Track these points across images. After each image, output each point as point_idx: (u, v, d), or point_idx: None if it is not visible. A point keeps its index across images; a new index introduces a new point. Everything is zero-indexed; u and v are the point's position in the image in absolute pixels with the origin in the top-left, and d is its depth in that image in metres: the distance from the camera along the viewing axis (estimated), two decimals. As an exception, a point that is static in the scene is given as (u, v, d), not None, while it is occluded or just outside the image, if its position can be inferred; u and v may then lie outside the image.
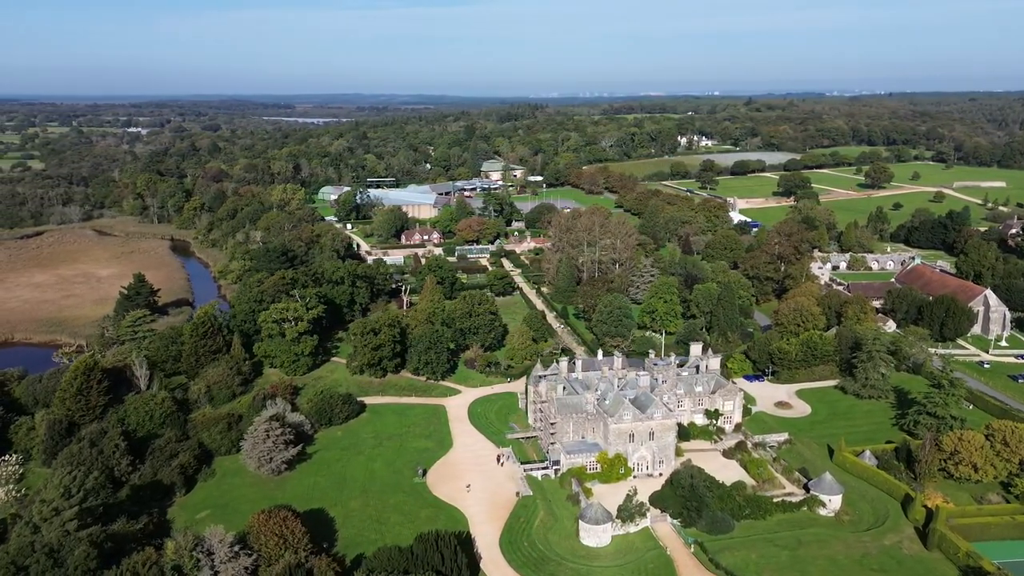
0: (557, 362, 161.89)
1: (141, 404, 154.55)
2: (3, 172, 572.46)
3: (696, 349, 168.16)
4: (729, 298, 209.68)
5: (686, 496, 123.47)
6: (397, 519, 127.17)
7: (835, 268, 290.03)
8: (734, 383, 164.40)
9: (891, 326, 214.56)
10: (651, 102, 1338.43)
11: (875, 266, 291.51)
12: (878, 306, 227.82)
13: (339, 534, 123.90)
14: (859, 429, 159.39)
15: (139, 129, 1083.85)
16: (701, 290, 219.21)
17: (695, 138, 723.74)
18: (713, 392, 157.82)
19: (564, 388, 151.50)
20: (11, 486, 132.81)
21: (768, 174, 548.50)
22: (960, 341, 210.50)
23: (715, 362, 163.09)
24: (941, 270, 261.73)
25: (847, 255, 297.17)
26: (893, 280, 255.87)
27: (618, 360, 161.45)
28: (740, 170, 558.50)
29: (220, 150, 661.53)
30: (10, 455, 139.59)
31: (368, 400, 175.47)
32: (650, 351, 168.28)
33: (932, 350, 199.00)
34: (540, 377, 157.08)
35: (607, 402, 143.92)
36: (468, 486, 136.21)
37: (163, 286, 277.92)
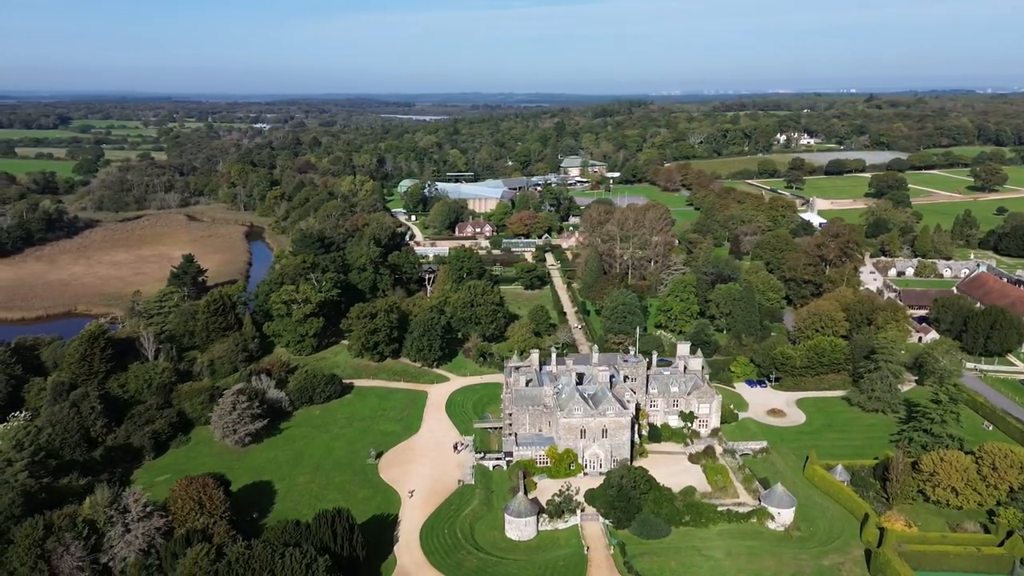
0: (529, 354, 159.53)
1: (142, 372, 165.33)
2: (128, 162, 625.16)
3: (683, 349, 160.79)
4: (749, 299, 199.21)
5: (613, 496, 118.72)
6: (334, 496, 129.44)
7: (900, 274, 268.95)
8: (714, 386, 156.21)
9: (932, 336, 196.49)
10: (767, 99, 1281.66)
11: (947, 273, 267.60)
12: (924, 315, 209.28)
13: (275, 506, 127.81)
14: (852, 443, 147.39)
15: (263, 125, 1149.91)
16: (722, 290, 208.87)
17: (795, 135, 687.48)
18: (689, 394, 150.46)
19: (529, 380, 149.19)
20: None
21: (866, 174, 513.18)
22: (1011, 357, 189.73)
23: (695, 363, 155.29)
24: (1016, 280, 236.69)
25: (916, 260, 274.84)
26: (954, 289, 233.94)
27: (595, 356, 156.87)
28: (835, 169, 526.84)
29: (320, 144, 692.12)
30: (21, 412, 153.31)
31: (359, 383, 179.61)
32: (630, 347, 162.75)
33: (972, 365, 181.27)
34: (514, 368, 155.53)
35: (562, 396, 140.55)
36: (411, 492, 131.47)
37: (224, 268, 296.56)
